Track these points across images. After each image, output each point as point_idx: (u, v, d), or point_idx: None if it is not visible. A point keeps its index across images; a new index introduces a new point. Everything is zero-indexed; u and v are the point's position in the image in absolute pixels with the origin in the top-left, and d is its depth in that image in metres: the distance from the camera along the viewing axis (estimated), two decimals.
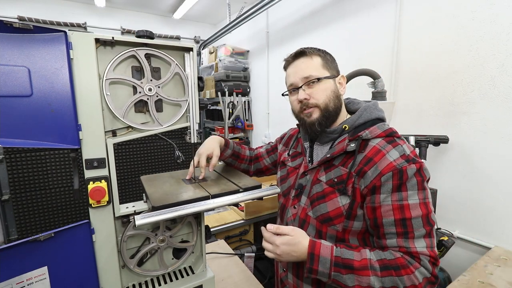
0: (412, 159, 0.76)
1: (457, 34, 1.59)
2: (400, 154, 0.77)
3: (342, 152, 0.83)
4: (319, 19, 2.55)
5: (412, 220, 0.72)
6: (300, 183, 0.93)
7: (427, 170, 0.78)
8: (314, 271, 0.74)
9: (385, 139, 0.81)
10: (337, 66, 0.92)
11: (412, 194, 0.74)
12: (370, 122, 0.86)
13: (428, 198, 0.75)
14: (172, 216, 0.77)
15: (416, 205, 0.73)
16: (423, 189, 0.75)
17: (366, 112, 0.88)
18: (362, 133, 0.82)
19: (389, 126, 0.85)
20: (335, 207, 0.82)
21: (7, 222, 1.32)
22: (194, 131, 0.95)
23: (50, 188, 1.40)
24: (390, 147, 0.78)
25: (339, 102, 0.89)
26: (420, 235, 0.73)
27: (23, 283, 0.71)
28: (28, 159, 1.34)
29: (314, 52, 0.89)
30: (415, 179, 0.74)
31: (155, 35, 0.85)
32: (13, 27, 0.68)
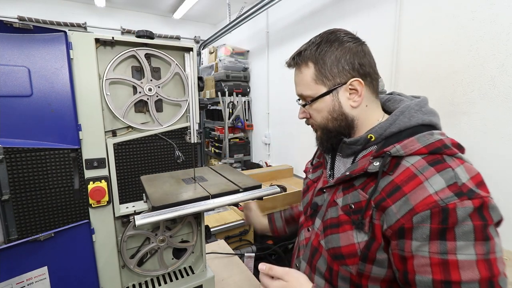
0: (469, 192, 0.51)
1: (457, 34, 1.59)
2: (447, 183, 0.52)
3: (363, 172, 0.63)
4: (319, 19, 2.55)
5: (461, 285, 0.49)
6: (316, 202, 0.77)
7: (495, 209, 0.52)
8: None
9: (427, 158, 0.57)
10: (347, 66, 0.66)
11: (464, 246, 0.49)
12: (409, 131, 0.63)
13: (495, 253, 0.50)
14: (172, 216, 0.77)
15: (471, 264, 0.49)
16: (485, 239, 0.50)
17: (404, 116, 0.64)
18: (390, 148, 0.60)
19: (441, 137, 0.59)
20: (348, 242, 0.64)
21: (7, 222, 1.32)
22: (194, 131, 0.95)
23: (50, 188, 1.40)
24: (433, 172, 0.54)
25: (344, 120, 0.69)
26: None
27: (23, 283, 0.71)
28: (28, 159, 1.34)
29: (307, 57, 0.69)
30: (471, 223, 0.50)
31: (155, 35, 0.85)
32: (13, 27, 0.68)
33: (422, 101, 0.67)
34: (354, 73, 0.66)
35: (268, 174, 2.74)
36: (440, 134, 0.61)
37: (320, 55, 0.67)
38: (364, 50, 0.67)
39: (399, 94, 0.75)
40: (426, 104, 0.67)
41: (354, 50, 0.66)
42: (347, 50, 0.66)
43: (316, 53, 0.67)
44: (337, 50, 0.66)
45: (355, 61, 0.66)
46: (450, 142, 0.59)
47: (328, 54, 0.66)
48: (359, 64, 0.66)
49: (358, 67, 0.66)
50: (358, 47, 0.67)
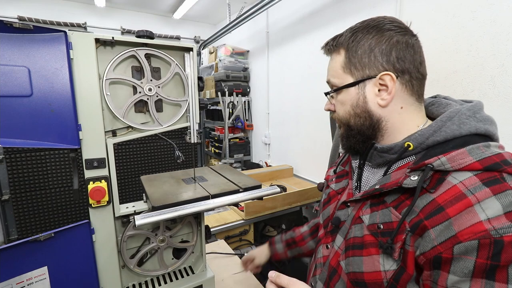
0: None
1: (457, 34, 1.59)
2: (506, 209, 0.42)
3: (397, 186, 0.52)
4: (319, 19, 2.55)
5: None
6: (338, 217, 0.67)
7: None
8: None
9: (480, 176, 0.45)
10: (381, 57, 0.57)
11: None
12: (458, 141, 0.52)
13: None
14: (172, 216, 0.77)
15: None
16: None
17: (452, 123, 0.53)
18: (433, 160, 0.49)
19: (500, 151, 0.48)
20: (373, 269, 0.54)
21: (7, 222, 1.32)
22: (194, 131, 0.95)
23: (50, 188, 1.40)
24: (488, 193, 0.43)
25: (367, 119, 0.60)
26: None
27: (23, 283, 0.71)
28: (28, 159, 1.34)
29: (340, 43, 0.61)
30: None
31: (155, 35, 0.85)
32: (13, 27, 0.68)
33: (475, 106, 0.55)
34: (388, 66, 0.56)
35: (268, 174, 2.74)
36: (499, 147, 0.50)
37: (353, 42, 0.59)
38: (409, 43, 0.57)
39: (446, 97, 0.65)
40: (481, 109, 0.56)
41: (394, 40, 0.56)
42: (386, 39, 0.56)
43: (350, 39, 0.59)
44: (373, 38, 0.57)
45: (392, 53, 0.56)
46: (511, 157, 0.47)
47: (362, 41, 0.58)
48: (397, 58, 0.56)
49: (395, 60, 0.56)
50: (401, 37, 0.56)
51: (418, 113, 0.60)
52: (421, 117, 0.61)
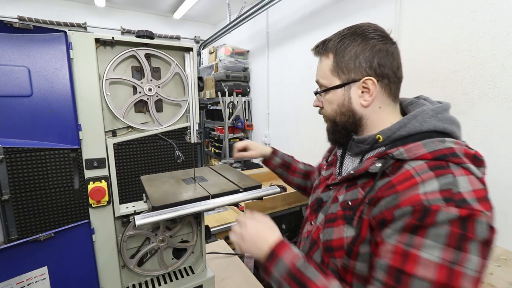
0: (460, 201, 0.49)
1: (457, 34, 1.59)
2: (441, 187, 0.50)
3: (365, 171, 0.63)
4: (319, 19, 2.55)
5: (412, 279, 0.48)
6: (321, 198, 0.78)
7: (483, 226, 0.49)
8: (268, 271, 0.63)
9: (429, 163, 0.54)
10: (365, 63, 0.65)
11: (431, 246, 0.48)
12: (418, 136, 0.61)
13: (465, 267, 0.47)
14: (172, 216, 0.77)
15: (431, 264, 0.47)
16: (458, 248, 0.47)
17: (415, 121, 0.62)
18: (394, 151, 0.59)
19: (453, 146, 0.56)
20: (339, 236, 0.65)
21: (7, 222, 1.32)
22: (194, 131, 0.95)
23: (50, 188, 1.40)
24: (431, 175, 0.52)
25: (351, 117, 0.69)
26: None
27: (23, 283, 0.71)
28: (28, 159, 1.34)
29: (329, 48, 0.69)
30: (447, 228, 0.48)
31: (155, 35, 0.85)
32: (13, 27, 0.68)
33: (440, 107, 0.64)
34: (371, 72, 0.65)
35: (268, 174, 2.74)
36: (455, 143, 0.57)
37: (341, 48, 0.67)
38: (389, 50, 0.65)
39: (425, 98, 0.73)
40: (445, 110, 0.64)
41: (376, 48, 0.64)
42: (370, 47, 0.64)
43: (338, 45, 0.67)
44: (359, 46, 0.65)
45: (375, 60, 0.64)
46: (463, 152, 0.55)
47: (349, 48, 0.66)
48: (378, 64, 0.64)
49: (377, 66, 0.64)
50: (383, 46, 0.65)
51: (393, 112, 0.70)
52: (395, 115, 0.70)
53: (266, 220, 0.71)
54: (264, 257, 0.64)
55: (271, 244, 0.64)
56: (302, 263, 0.60)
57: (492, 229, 0.51)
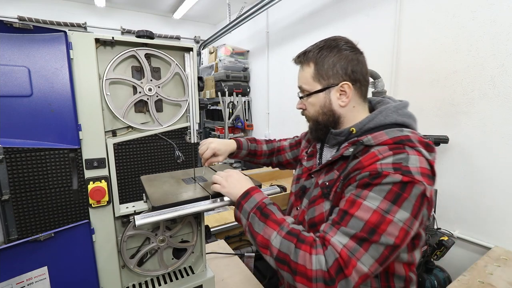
0: (405, 171, 0.62)
1: (457, 34, 1.59)
2: (394, 161, 0.64)
3: (340, 156, 0.76)
4: (319, 19, 2.55)
5: (352, 217, 0.62)
6: (304, 185, 0.90)
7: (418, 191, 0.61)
8: (240, 206, 0.77)
9: (390, 146, 0.68)
10: (341, 70, 0.78)
11: (372, 198, 0.62)
12: (383, 128, 0.74)
13: (394, 216, 0.60)
14: (172, 216, 0.77)
15: (369, 209, 0.61)
16: (393, 202, 0.60)
17: (381, 115, 0.76)
18: (363, 138, 0.73)
19: (409, 134, 0.70)
20: (320, 212, 0.77)
21: (7, 222, 1.32)
22: (194, 131, 0.95)
23: (50, 188, 1.40)
24: (389, 153, 0.66)
25: (331, 116, 0.81)
26: (347, 233, 0.61)
27: (23, 283, 0.71)
28: (28, 159, 1.34)
29: (310, 58, 0.81)
30: (389, 187, 0.61)
31: (155, 35, 0.85)
32: (13, 27, 0.68)
33: (400, 105, 0.79)
34: (346, 77, 0.78)
35: (268, 174, 2.74)
36: (411, 132, 0.72)
37: (320, 58, 0.79)
38: (359, 59, 0.79)
39: (390, 97, 0.87)
40: (404, 107, 0.79)
41: (349, 58, 0.77)
42: (343, 57, 0.77)
43: (318, 55, 0.79)
44: (335, 56, 0.78)
45: (349, 68, 0.77)
46: (417, 139, 0.70)
47: (327, 58, 0.78)
48: (352, 71, 0.77)
49: (350, 73, 0.77)
50: (354, 55, 0.78)
51: (363, 109, 0.83)
52: (365, 112, 0.83)
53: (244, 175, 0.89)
54: (240, 195, 0.79)
55: (248, 187, 0.80)
56: (269, 201, 0.76)
57: (427, 199, 0.64)
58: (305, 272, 0.62)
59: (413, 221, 0.62)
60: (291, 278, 0.64)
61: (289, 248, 0.65)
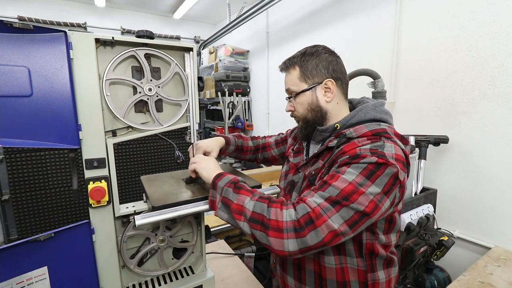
0: (380, 154, 0.72)
1: (457, 34, 1.59)
2: (371, 147, 0.74)
3: (325, 148, 0.85)
4: (319, 19, 2.55)
5: (330, 186, 0.70)
6: (293, 180, 0.96)
7: (391, 172, 0.71)
8: (215, 185, 0.81)
9: (369, 138, 0.79)
10: (324, 70, 0.87)
11: (350, 172, 0.71)
12: (363, 123, 0.84)
13: (366, 190, 0.69)
14: (172, 216, 0.77)
15: (345, 181, 0.70)
16: (367, 178, 0.70)
17: (361, 113, 0.86)
18: (346, 131, 0.82)
19: (386, 127, 0.81)
20: None
21: (7, 222, 1.32)
22: (194, 131, 0.95)
23: (50, 188, 1.40)
24: (368, 142, 0.77)
25: (319, 111, 0.88)
26: (323, 196, 0.70)
27: (23, 283, 0.71)
28: (28, 159, 1.34)
29: (295, 62, 0.89)
30: (365, 165, 0.70)
31: (155, 35, 0.85)
32: (13, 27, 0.68)
33: (377, 103, 0.89)
34: (328, 75, 0.87)
35: (268, 174, 2.74)
36: (387, 127, 0.82)
37: (304, 61, 0.88)
38: (337, 61, 0.89)
39: (368, 98, 0.96)
40: (381, 105, 0.89)
41: (329, 59, 0.87)
42: (324, 59, 0.87)
43: (301, 59, 0.89)
44: (317, 58, 0.87)
45: (330, 67, 0.87)
46: (393, 132, 0.82)
47: (310, 61, 0.88)
48: (333, 70, 0.87)
49: (332, 71, 0.87)
50: (332, 57, 0.88)
51: (345, 107, 0.92)
52: (346, 110, 0.92)
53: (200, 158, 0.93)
54: (214, 176, 0.83)
55: (221, 171, 0.86)
56: (241, 179, 0.82)
57: (399, 181, 0.72)
58: (277, 225, 0.68)
59: (383, 196, 0.70)
60: (264, 235, 0.69)
61: (261, 208, 0.72)
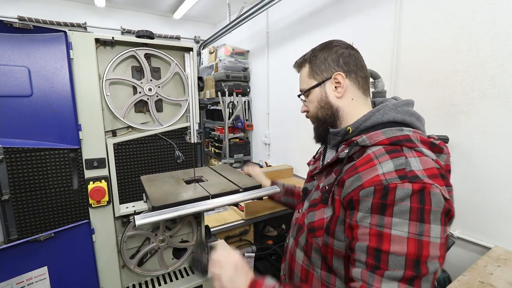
0: (412, 177, 0.57)
1: (457, 34, 1.59)
2: (396, 167, 0.60)
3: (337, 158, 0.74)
4: (319, 19, 2.55)
5: (389, 255, 0.56)
6: (306, 187, 0.89)
7: (437, 196, 0.57)
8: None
9: (386, 148, 0.64)
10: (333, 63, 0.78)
11: (398, 224, 0.56)
12: (380, 126, 0.71)
13: (429, 236, 0.55)
14: (172, 216, 0.77)
15: (402, 239, 0.55)
16: (420, 221, 0.56)
17: (378, 113, 0.72)
18: (358, 138, 0.69)
19: (409, 133, 0.66)
20: (320, 217, 0.74)
21: (7, 222, 1.32)
22: (194, 131, 0.95)
23: (50, 188, 1.40)
24: (387, 158, 0.62)
25: (329, 109, 0.79)
26: (394, 277, 0.55)
27: (23, 283, 0.71)
28: (28, 159, 1.34)
29: (305, 60, 0.84)
30: (408, 204, 0.56)
31: (155, 35, 0.85)
32: (13, 27, 0.68)
33: (400, 102, 0.75)
34: (338, 69, 0.78)
35: (268, 174, 2.73)
36: (412, 132, 0.68)
37: (313, 57, 0.82)
38: (350, 53, 0.79)
39: (395, 98, 0.84)
40: (404, 105, 0.75)
41: (339, 52, 0.78)
42: (334, 52, 0.79)
43: (311, 56, 0.82)
44: (326, 52, 0.80)
45: (340, 60, 0.78)
46: (418, 139, 0.66)
47: (319, 55, 0.81)
48: (343, 62, 0.78)
49: (342, 64, 0.78)
50: (345, 50, 0.79)
51: (365, 104, 0.80)
52: (367, 108, 0.79)
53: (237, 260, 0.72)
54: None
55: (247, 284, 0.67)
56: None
57: (447, 200, 0.59)
58: None
59: (444, 229, 0.58)
60: None
61: None
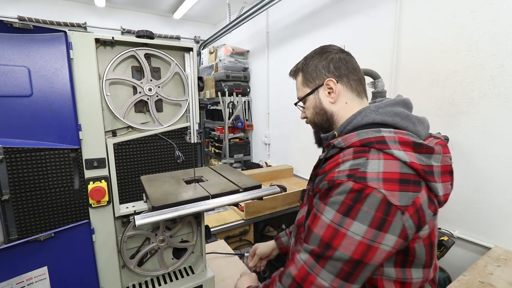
0: (358, 178, 0.59)
1: (457, 34, 1.59)
2: (351, 167, 0.62)
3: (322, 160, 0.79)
4: (319, 19, 2.55)
5: (312, 233, 0.64)
6: (305, 189, 0.97)
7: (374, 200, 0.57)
8: None
9: (355, 149, 0.66)
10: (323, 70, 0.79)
11: (327, 211, 0.62)
12: (360, 128, 0.71)
13: (348, 229, 0.58)
14: (172, 216, 0.77)
15: (324, 224, 0.62)
16: (345, 214, 0.59)
17: (359, 116, 0.73)
18: (334, 141, 0.72)
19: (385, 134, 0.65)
20: (301, 215, 0.84)
21: (7, 222, 1.32)
22: (194, 131, 0.95)
23: (50, 188, 1.40)
24: (350, 158, 0.65)
25: (324, 115, 0.81)
26: (307, 250, 0.64)
27: (23, 283, 0.71)
28: (28, 159, 1.34)
29: (298, 69, 0.86)
30: (341, 198, 0.60)
31: (155, 35, 0.85)
32: (13, 27, 0.68)
33: (384, 102, 0.75)
34: (329, 75, 0.79)
35: (268, 174, 2.74)
36: (393, 133, 0.66)
37: (305, 65, 0.83)
38: (341, 57, 0.80)
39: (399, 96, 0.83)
40: (389, 105, 0.73)
41: (329, 58, 0.79)
42: (324, 58, 0.80)
43: (303, 64, 0.84)
44: (317, 60, 0.81)
45: (330, 66, 0.79)
46: (396, 140, 0.64)
47: (310, 63, 0.82)
48: (334, 68, 0.79)
49: (333, 69, 0.79)
50: (335, 55, 0.80)
51: (360, 106, 0.79)
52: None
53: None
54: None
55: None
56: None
57: (395, 208, 0.57)
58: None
59: (377, 233, 0.57)
60: None
61: None
